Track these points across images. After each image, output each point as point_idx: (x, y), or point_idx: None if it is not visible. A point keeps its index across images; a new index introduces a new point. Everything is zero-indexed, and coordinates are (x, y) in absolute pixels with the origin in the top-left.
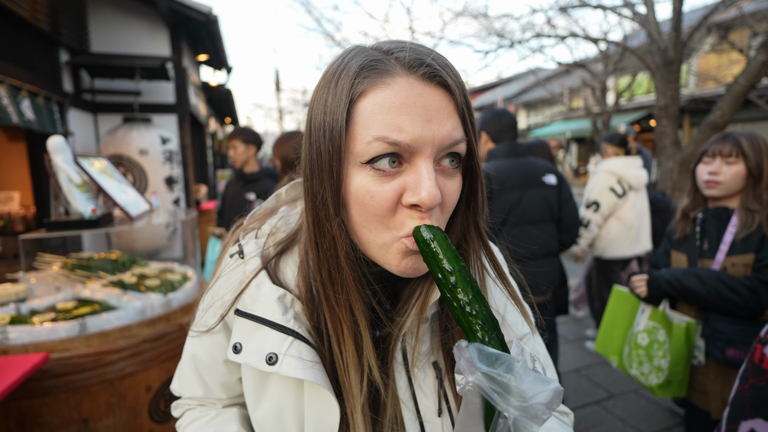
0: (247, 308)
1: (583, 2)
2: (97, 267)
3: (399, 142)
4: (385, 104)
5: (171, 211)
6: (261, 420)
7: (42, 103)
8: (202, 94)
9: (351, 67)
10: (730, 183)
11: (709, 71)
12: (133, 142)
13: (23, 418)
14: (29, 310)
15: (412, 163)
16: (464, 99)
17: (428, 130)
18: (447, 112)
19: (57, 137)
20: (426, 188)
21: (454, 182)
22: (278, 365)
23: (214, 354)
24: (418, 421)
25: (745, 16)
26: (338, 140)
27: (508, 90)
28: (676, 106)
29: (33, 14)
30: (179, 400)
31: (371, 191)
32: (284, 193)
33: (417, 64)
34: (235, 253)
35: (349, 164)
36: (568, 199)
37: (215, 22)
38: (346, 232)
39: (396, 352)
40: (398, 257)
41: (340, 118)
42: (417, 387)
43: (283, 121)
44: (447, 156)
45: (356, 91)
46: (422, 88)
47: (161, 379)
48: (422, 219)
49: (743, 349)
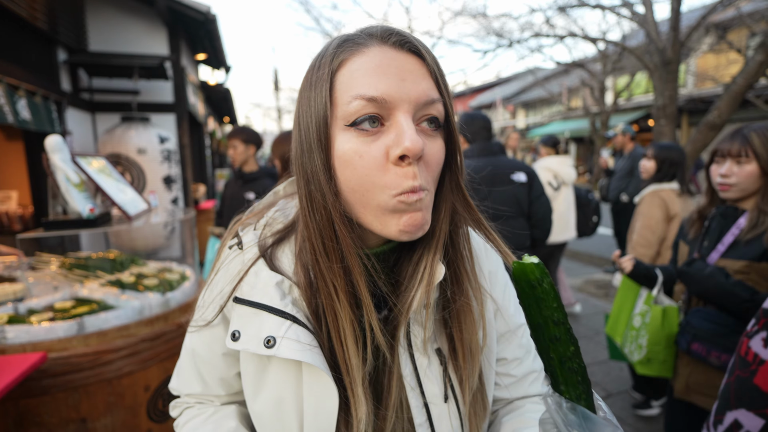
0: (246, 295)
1: (582, 2)
2: (95, 266)
3: (376, 98)
4: (361, 68)
5: (169, 210)
6: (260, 411)
7: (40, 102)
8: (200, 94)
9: (331, 45)
10: (744, 184)
11: (708, 71)
12: (131, 142)
13: (21, 417)
14: (27, 310)
15: (393, 121)
16: (436, 65)
17: (403, 88)
18: (420, 74)
19: (55, 136)
20: (408, 137)
21: (435, 144)
22: (276, 348)
23: (212, 348)
24: (424, 407)
25: (743, 16)
26: (323, 109)
27: (506, 89)
28: (674, 105)
29: (31, 13)
30: (177, 399)
31: (359, 151)
32: (282, 189)
33: (387, 34)
34: (234, 245)
35: (335, 130)
36: (539, 196)
37: (214, 21)
38: (338, 198)
39: (400, 336)
40: (396, 217)
41: (324, 87)
42: (422, 373)
43: (281, 120)
44: (426, 120)
45: (335, 64)
46: (395, 53)
47: (159, 378)
48: (415, 177)
49: (707, 347)
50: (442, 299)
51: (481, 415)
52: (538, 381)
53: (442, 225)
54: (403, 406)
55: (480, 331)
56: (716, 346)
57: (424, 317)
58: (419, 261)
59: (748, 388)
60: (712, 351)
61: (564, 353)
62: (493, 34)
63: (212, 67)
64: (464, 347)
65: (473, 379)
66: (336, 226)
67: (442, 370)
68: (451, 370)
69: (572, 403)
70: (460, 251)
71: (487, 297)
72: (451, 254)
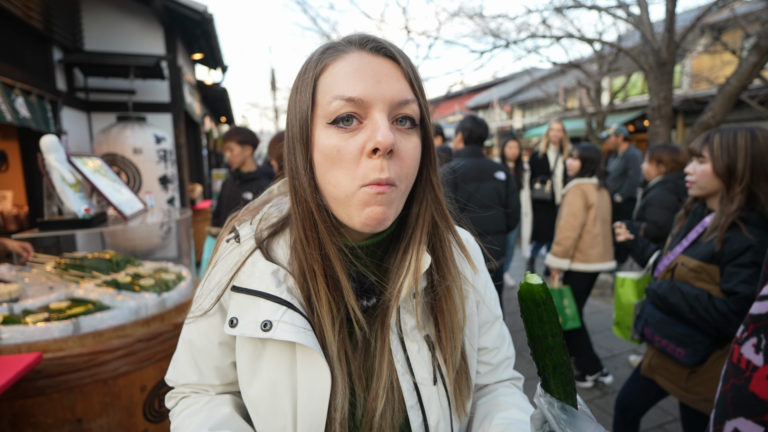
0: (243, 284)
1: (578, 3)
2: (90, 267)
3: (353, 98)
4: (341, 72)
5: (165, 210)
6: (255, 397)
7: (35, 102)
8: (197, 93)
9: (316, 53)
10: (701, 182)
11: (703, 72)
12: (127, 141)
13: (16, 418)
14: (22, 310)
15: (369, 119)
16: (411, 69)
17: (378, 88)
18: (395, 77)
19: (50, 136)
20: (381, 133)
21: (410, 141)
22: (272, 331)
23: (209, 337)
24: (415, 390)
25: (737, 17)
26: (306, 110)
27: (503, 90)
28: (669, 106)
29: (26, 12)
30: (172, 391)
31: (337, 146)
32: (276, 188)
33: (365, 41)
34: (231, 238)
35: (317, 127)
36: (513, 191)
37: (210, 20)
38: (317, 190)
39: (391, 322)
40: (360, 208)
41: (308, 90)
42: (412, 358)
43: (278, 120)
44: (401, 118)
45: (318, 69)
46: (371, 58)
47: (156, 378)
48: (382, 170)
49: (653, 332)
50: (429, 288)
51: (465, 393)
52: (509, 367)
53: (425, 216)
54: (394, 388)
55: (460, 313)
56: (659, 333)
57: (414, 305)
58: (405, 251)
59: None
60: (655, 336)
61: (558, 361)
62: (489, 35)
63: (209, 67)
64: (446, 328)
65: (456, 356)
66: (314, 216)
67: (431, 355)
68: (438, 353)
69: (562, 403)
70: (443, 240)
71: (470, 287)
72: (435, 243)
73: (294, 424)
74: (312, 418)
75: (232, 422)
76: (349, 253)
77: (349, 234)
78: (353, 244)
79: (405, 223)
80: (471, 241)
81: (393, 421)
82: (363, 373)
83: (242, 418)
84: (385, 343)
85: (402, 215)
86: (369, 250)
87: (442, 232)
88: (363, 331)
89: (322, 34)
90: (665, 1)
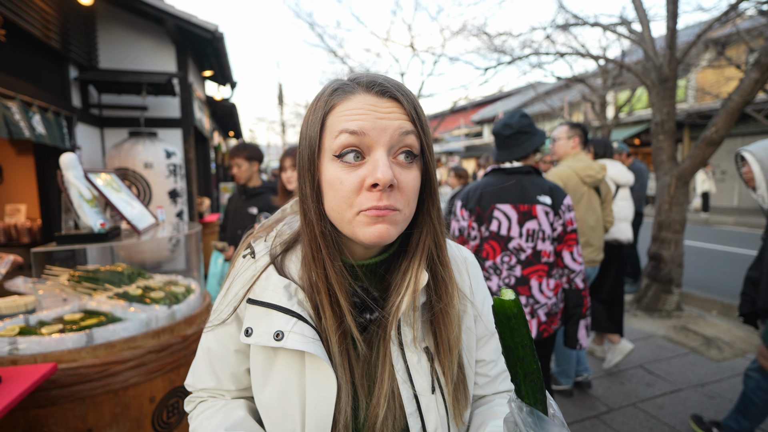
0: (258, 296)
1: (581, 20)
2: (103, 279)
3: (356, 131)
4: (347, 110)
5: (174, 224)
6: (267, 401)
7: (51, 118)
8: (206, 109)
9: (326, 91)
10: None
11: (708, 86)
12: (139, 156)
13: (30, 427)
14: (37, 321)
15: (371, 155)
16: (413, 107)
17: (380, 125)
18: (397, 115)
19: (69, 154)
20: (381, 170)
21: (410, 174)
22: (284, 340)
23: (226, 344)
24: (414, 399)
25: (740, 32)
26: (315, 144)
27: (508, 104)
28: (672, 121)
29: (45, 32)
30: (191, 395)
31: (341, 178)
32: (289, 207)
33: (372, 84)
34: (247, 254)
35: (324, 159)
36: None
37: (221, 39)
38: (322, 216)
39: (392, 335)
40: (362, 228)
41: (317, 125)
42: (412, 368)
43: (285, 134)
44: (402, 153)
45: (328, 107)
46: (376, 100)
47: (165, 390)
48: (380, 199)
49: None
50: (428, 304)
51: (463, 403)
52: (507, 379)
53: (426, 241)
54: (395, 396)
55: (456, 329)
56: None
57: (413, 319)
58: (406, 270)
59: None
60: None
61: (528, 369)
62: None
63: (218, 84)
64: (443, 344)
65: (453, 369)
66: (318, 240)
67: (430, 365)
68: (436, 365)
69: (530, 408)
70: (441, 261)
71: (468, 302)
72: (434, 264)
73: (302, 426)
74: (319, 422)
75: (246, 424)
76: (352, 272)
77: (355, 253)
78: (357, 263)
79: (406, 247)
80: (470, 259)
81: (394, 426)
82: (366, 381)
83: (255, 420)
84: (386, 353)
85: (404, 237)
86: (372, 268)
87: (439, 256)
88: (361, 345)
89: (329, 51)
90: (666, 19)
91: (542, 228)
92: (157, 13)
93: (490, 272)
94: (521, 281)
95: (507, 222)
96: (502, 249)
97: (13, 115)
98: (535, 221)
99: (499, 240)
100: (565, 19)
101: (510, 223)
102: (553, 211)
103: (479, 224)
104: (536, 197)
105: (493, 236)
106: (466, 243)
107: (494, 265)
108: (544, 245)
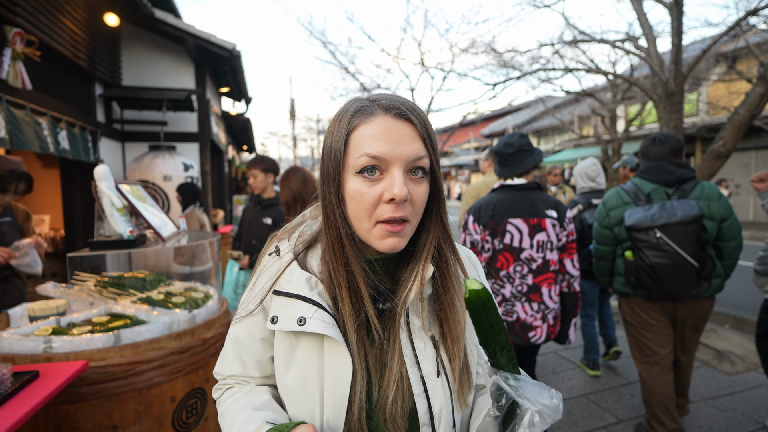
0: (283, 288)
1: (588, 36)
2: (128, 285)
3: (377, 156)
4: (368, 133)
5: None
6: (289, 384)
7: (78, 133)
8: (222, 123)
9: (349, 111)
10: None
11: (720, 99)
12: (158, 169)
13: (60, 422)
14: (68, 323)
15: (389, 173)
16: (425, 130)
17: (397, 149)
18: (412, 138)
19: (103, 166)
20: (398, 187)
21: (420, 188)
22: (306, 325)
23: (253, 333)
24: (421, 381)
25: (750, 46)
26: (339, 158)
27: (518, 118)
28: (679, 135)
29: (74, 52)
30: (219, 383)
31: (361, 191)
32: (309, 213)
33: (390, 107)
34: (272, 252)
35: (346, 173)
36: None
37: (238, 57)
38: (345, 221)
39: (401, 323)
40: (378, 238)
41: (341, 143)
42: (419, 354)
43: (297, 147)
44: (414, 169)
45: (351, 126)
46: (394, 122)
47: (184, 390)
48: (395, 211)
49: None
50: (435, 296)
51: (466, 387)
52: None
53: (432, 242)
54: (404, 379)
55: (461, 320)
56: None
57: (420, 309)
58: (414, 266)
59: None
60: None
61: (503, 344)
62: (502, 66)
63: (234, 99)
64: (451, 333)
65: (460, 357)
66: (342, 240)
67: (435, 352)
68: (442, 352)
69: (514, 375)
70: (445, 259)
71: None
72: (439, 261)
73: (321, 405)
74: (336, 401)
75: (271, 406)
76: (368, 266)
77: (369, 250)
78: (372, 257)
79: (415, 245)
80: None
81: (403, 406)
82: (378, 365)
83: (278, 404)
84: (396, 340)
85: (414, 236)
86: (384, 263)
87: (445, 253)
88: (378, 331)
89: (341, 67)
90: (672, 35)
91: (550, 239)
92: (178, 33)
93: (504, 281)
94: (533, 289)
95: (519, 235)
96: (515, 259)
97: (42, 130)
98: (545, 233)
99: (512, 251)
100: (572, 35)
101: (522, 235)
102: (559, 224)
103: (493, 237)
104: (545, 211)
105: (507, 248)
106: (479, 255)
107: (508, 274)
108: (552, 255)
